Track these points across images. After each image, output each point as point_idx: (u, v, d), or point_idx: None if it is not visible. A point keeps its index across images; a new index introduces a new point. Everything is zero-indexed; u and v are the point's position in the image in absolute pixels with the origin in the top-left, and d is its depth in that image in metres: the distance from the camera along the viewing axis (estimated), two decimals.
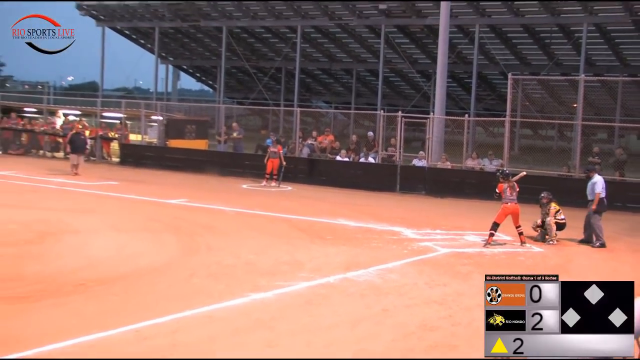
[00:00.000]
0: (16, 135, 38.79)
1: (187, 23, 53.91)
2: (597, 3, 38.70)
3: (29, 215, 19.10)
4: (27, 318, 10.39)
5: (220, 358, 7.55)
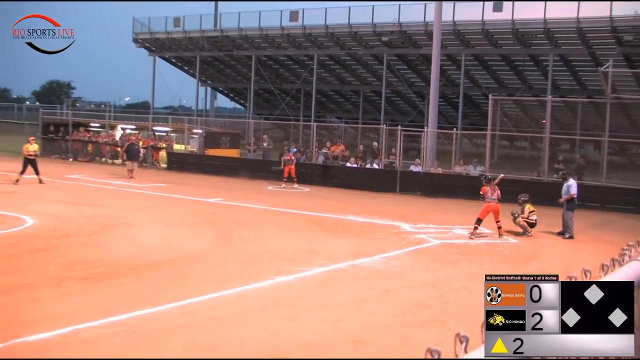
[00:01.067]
0: (84, 145, 38.97)
1: (222, 52, 54.03)
2: (560, 37, 39.44)
3: (93, 211, 19.23)
4: (93, 294, 10.50)
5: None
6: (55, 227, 16.35)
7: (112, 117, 48.62)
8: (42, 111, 47.73)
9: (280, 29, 48.25)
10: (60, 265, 12.34)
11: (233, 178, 30.92)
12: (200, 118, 46.42)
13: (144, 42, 56.38)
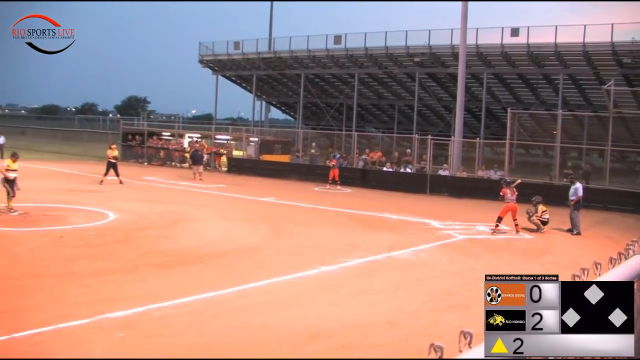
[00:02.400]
0: (157, 151, 39.48)
1: (275, 71, 54.22)
2: (569, 59, 39.44)
3: (165, 208, 19.46)
4: (164, 279, 10.66)
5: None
6: (133, 222, 16.60)
7: (180, 127, 49.07)
8: (123, 122, 48.58)
9: (325, 50, 48.37)
10: (137, 254, 12.55)
11: (284, 180, 31.03)
12: (256, 128, 46.86)
13: (208, 63, 56.92)
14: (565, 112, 35.40)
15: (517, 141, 33.85)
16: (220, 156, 36.63)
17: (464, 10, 32.41)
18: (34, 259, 11.80)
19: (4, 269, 10.78)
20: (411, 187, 28.10)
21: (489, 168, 29.31)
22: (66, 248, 12.91)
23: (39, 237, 13.97)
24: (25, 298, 9.16)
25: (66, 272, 10.72)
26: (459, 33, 33.77)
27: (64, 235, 14.23)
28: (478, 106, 45.34)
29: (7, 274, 10.46)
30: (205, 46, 56.21)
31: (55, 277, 10.43)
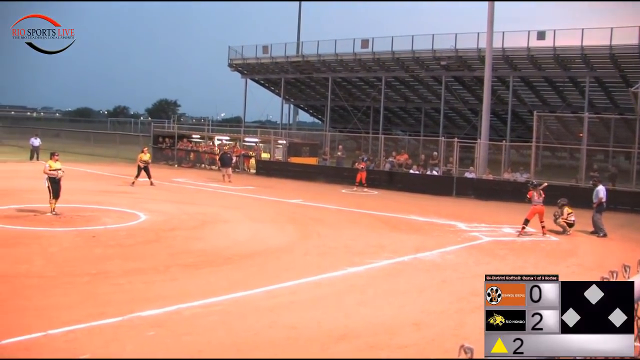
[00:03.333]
0: (187, 153, 39.77)
1: (303, 75, 54.39)
2: (595, 62, 39.06)
3: (195, 209, 19.60)
4: (194, 279, 10.72)
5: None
6: (164, 222, 16.74)
7: (210, 130, 49.47)
8: (154, 125, 49.10)
9: (353, 54, 48.38)
10: (168, 254, 12.65)
11: (311, 182, 31.05)
12: (284, 131, 47.03)
13: (237, 67, 57.28)
14: (591, 115, 35.11)
15: (543, 144, 33.55)
16: (249, 158, 36.78)
17: (490, 13, 32.21)
18: (68, 258, 11.96)
19: (40, 268, 10.95)
20: (437, 189, 27.96)
21: (515, 170, 29.09)
22: (99, 248, 13.06)
23: (72, 237, 14.17)
24: (60, 296, 9.30)
25: (99, 272, 10.85)
26: (485, 36, 33.63)
27: (96, 235, 14.41)
28: (504, 109, 45.04)
29: (43, 272, 10.62)
30: (235, 50, 56.60)
31: (88, 276, 10.57)
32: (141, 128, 66.84)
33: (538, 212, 17.23)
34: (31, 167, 31.67)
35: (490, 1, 32.01)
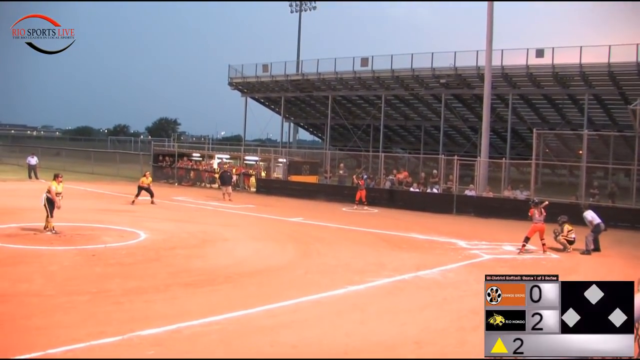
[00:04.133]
0: (187, 172, 39.77)
1: (303, 93, 54.63)
2: (594, 79, 39.35)
3: (195, 228, 19.60)
4: (194, 298, 10.70)
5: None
6: (164, 241, 16.73)
7: (210, 148, 49.62)
8: (154, 143, 49.17)
9: (352, 72, 48.64)
10: (168, 273, 12.63)
11: (312, 200, 31.03)
12: (284, 149, 47.06)
13: (237, 85, 57.55)
14: (590, 132, 35.19)
15: (543, 161, 33.60)
16: (249, 177, 36.81)
17: (489, 31, 32.41)
18: (68, 277, 11.94)
19: (40, 287, 10.93)
20: (438, 207, 27.95)
21: (515, 188, 29.09)
22: (99, 266, 13.05)
23: (72, 255, 14.15)
24: (60, 315, 9.28)
25: (99, 290, 10.83)
26: (484, 54, 33.82)
27: (96, 254, 14.39)
28: (504, 127, 45.18)
29: (43, 291, 10.61)
30: (235, 69, 56.91)
31: (88, 294, 10.55)
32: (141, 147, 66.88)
33: (539, 230, 17.23)
34: (31, 186, 31.70)
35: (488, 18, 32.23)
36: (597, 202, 26.15)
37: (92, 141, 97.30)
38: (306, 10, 62.39)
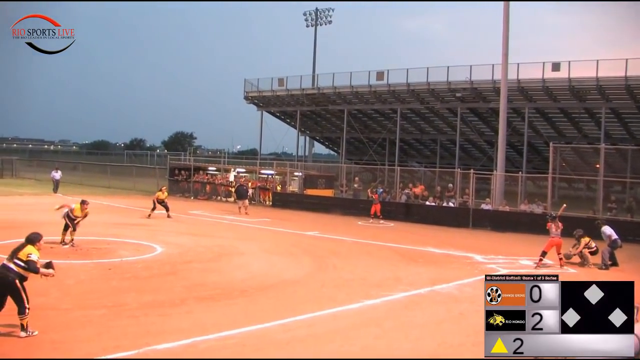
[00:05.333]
0: (203, 186, 39.92)
1: (319, 107, 54.74)
2: (611, 93, 39.13)
3: (211, 242, 19.61)
4: (210, 312, 10.69)
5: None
6: (180, 255, 16.75)
7: (226, 162, 49.68)
8: (170, 157, 49.45)
9: (368, 86, 48.72)
10: (184, 287, 12.63)
11: (328, 214, 31.03)
12: (300, 163, 47.11)
13: (253, 99, 57.81)
14: (608, 146, 34.93)
15: (560, 175, 33.37)
16: (265, 190, 36.85)
17: (504, 45, 32.35)
18: (84, 290, 11.99)
19: (56, 301, 10.97)
20: (454, 221, 27.81)
21: (531, 202, 28.88)
22: (115, 280, 13.08)
23: (89, 269, 14.21)
24: (76, 329, 9.29)
25: (114, 304, 10.85)
26: (500, 68, 33.75)
27: (112, 267, 14.44)
28: (520, 140, 44.97)
29: (59, 305, 10.64)
30: (250, 83, 57.18)
31: (104, 308, 10.57)
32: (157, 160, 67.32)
33: (556, 244, 17.13)
34: (51, 200, 31.92)
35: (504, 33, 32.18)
36: (614, 216, 25.88)
37: (109, 155, 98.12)
38: (322, 25, 62.75)
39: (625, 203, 29.88)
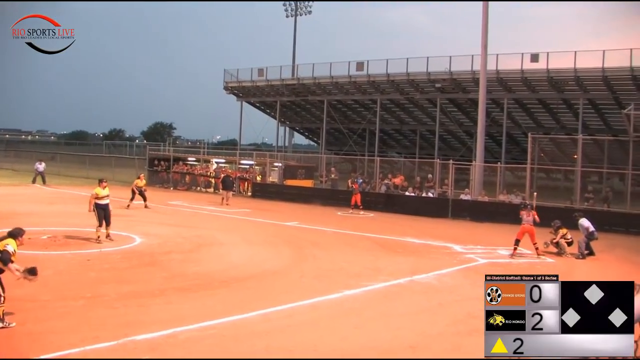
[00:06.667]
0: (182, 176, 39.74)
1: (299, 97, 54.59)
2: (588, 84, 39.38)
3: (190, 232, 19.55)
4: (190, 303, 10.67)
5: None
6: (159, 245, 16.69)
7: (205, 152, 49.41)
8: (149, 148, 49.11)
9: (348, 77, 48.68)
10: (163, 278, 12.60)
11: (307, 205, 31.06)
12: (279, 153, 47.04)
13: (233, 90, 57.51)
14: (585, 137, 35.24)
15: (538, 165, 33.71)
16: (245, 181, 36.77)
17: (484, 36, 32.49)
18: (63, 281, 11.91)
19: (34, 292, 10.86)
20: (433, 211, 27.98)
21: (510, 192, 29.13)
22: (93, 271, 13.01)
23: (67, 260, 14.10)
24: (54, 320, 9.24)
25: (93, 295, 10.80)
26: (480, 59, 33.90)
27: (91, 258, 14.35)
28: (499, 131, 45.24)
29: (37, 296, 10.55)
30: (230, 73, 56.85)
31: (83, 299, 10.52)
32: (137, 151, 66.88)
33: (527, 231, 17.29)
34: (30, 191, 31.67)
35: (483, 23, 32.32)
36: (591, 206, 26.21)
37: (87, 145, 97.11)
38: (302, 15, 62.51)
39: (602, 193, 30.28)
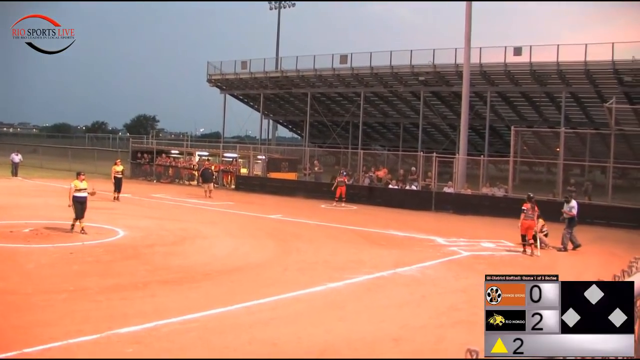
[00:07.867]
0: (166, 169, 39.59)
1: (283, 90, 54.56)
2: (571, 78, 39.83)
3: (174, 225, 19.50)
4: (173, 296, 10.65)
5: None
6: (142, 238, 16.63)
7: (189, 145, 49.24)
8: (132, 140, 48.83)
9: (332, 70, 48.72)
10: (146, 271, 12.56)
11: (291, 197, 31.05)
12: (263, 146, 46.98)
13: (216, 82, 57.33)
14: (567, 130, 35.55)
15: (521, 158, 33.98)
16: (228, 173, 36.68)
17: (467, 29, 32.60)
18: (45, 275, 11.83)
19: (16, 285, 10.81)
20: (416, 204, 28.08)
21: (493, 185, 29.31)
22: (76, 264, 12.94)
23: (49, 253, 14.01)
24: (37, 314, 9.18)
25: (76, 288, 10.74)
26: (463, 52, 34.03)
27: (74, 251, 14.26)
28: (482, 124, 45.52)
29: (19, 289, 10.49)
30: (214, 66, 56.67)
31: (66, 293, 10.46)
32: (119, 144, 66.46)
33: (530, 226, 16.90)
34: (11, 184, 31.35)
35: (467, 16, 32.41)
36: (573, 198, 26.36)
37: (70, 138, 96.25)
38: (285, 8, 62.34)
39: (584, 186, 30.53)
